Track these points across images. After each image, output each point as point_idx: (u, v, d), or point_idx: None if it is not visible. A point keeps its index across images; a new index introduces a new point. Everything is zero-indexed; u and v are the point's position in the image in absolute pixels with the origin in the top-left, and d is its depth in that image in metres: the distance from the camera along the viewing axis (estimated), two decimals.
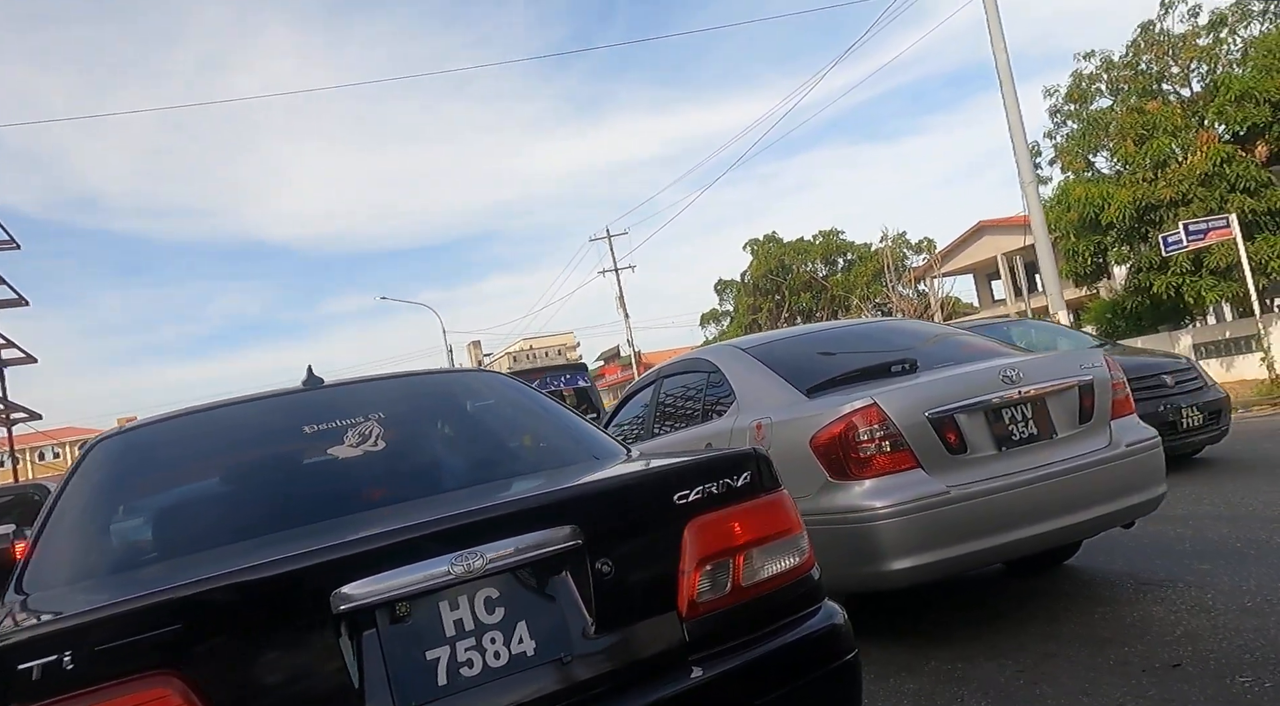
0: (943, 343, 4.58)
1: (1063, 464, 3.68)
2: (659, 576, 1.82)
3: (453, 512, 1.76)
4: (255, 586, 1.54)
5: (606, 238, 39.95)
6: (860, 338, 4.78)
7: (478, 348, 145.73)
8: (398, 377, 3.03)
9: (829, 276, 42.63)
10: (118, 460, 2.45)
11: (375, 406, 2.47)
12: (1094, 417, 3.84)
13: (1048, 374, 3.82)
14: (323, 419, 2.40)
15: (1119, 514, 3.83)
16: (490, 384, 2.96)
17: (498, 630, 1.66)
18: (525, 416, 2.77)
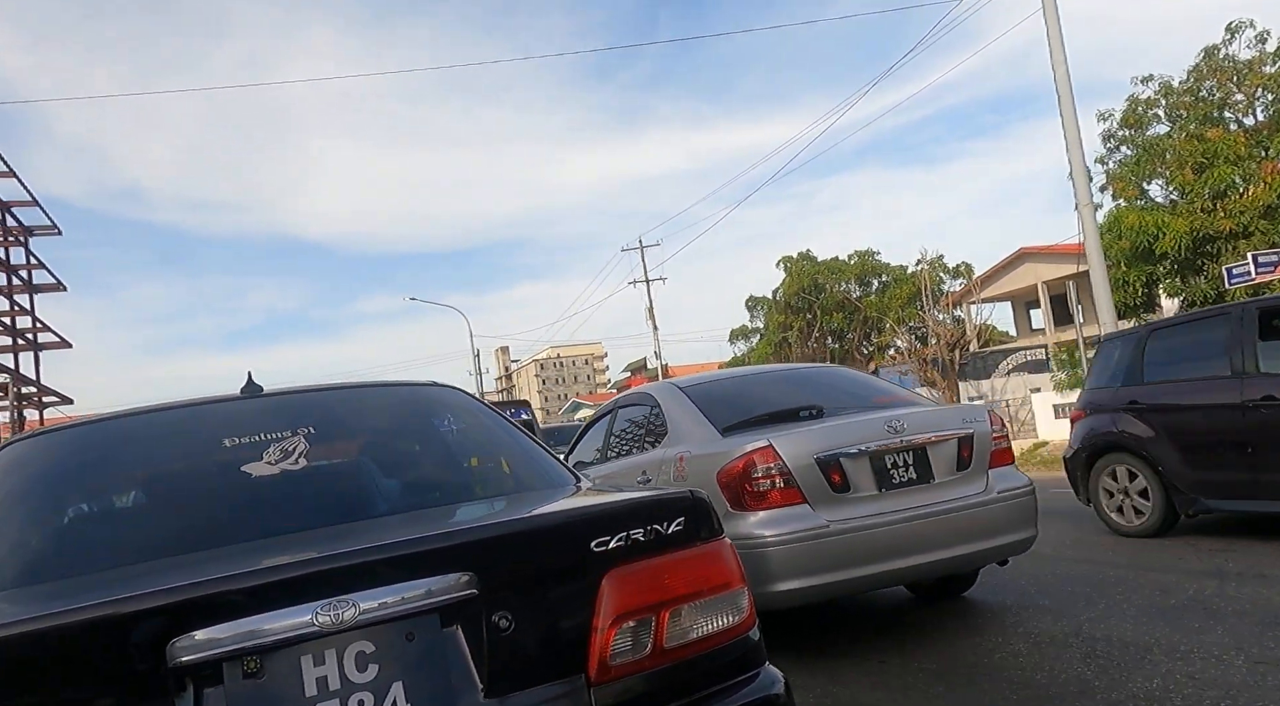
0: (859, 391, 5.05)
1: (939, 505, 4.15)
2: (567, 634, 1.59)
3: (325, 553, 1.55)
4: (75, 630, 1.32)
5: (639, 248, 39.61)
6: (789, 383, 5.36)
7: (505, 353, 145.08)
8: (343, 389, 2.72)
9: (863, 297, 41.91)
10: (20, 465, 2.25)
11: (308, 420, 2.27)
12: (972, 466, 4.32)
13: (930, 426, 4.31)
14: (248, 431, 2.20)
15: (991, 552, 4.32)
16: (444, 401, 2.63)
17: (368, 691, 1.43)
18: (475, 438, 2.52)
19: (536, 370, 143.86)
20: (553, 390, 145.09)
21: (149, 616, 1.35)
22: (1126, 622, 4.33)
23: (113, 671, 1.34)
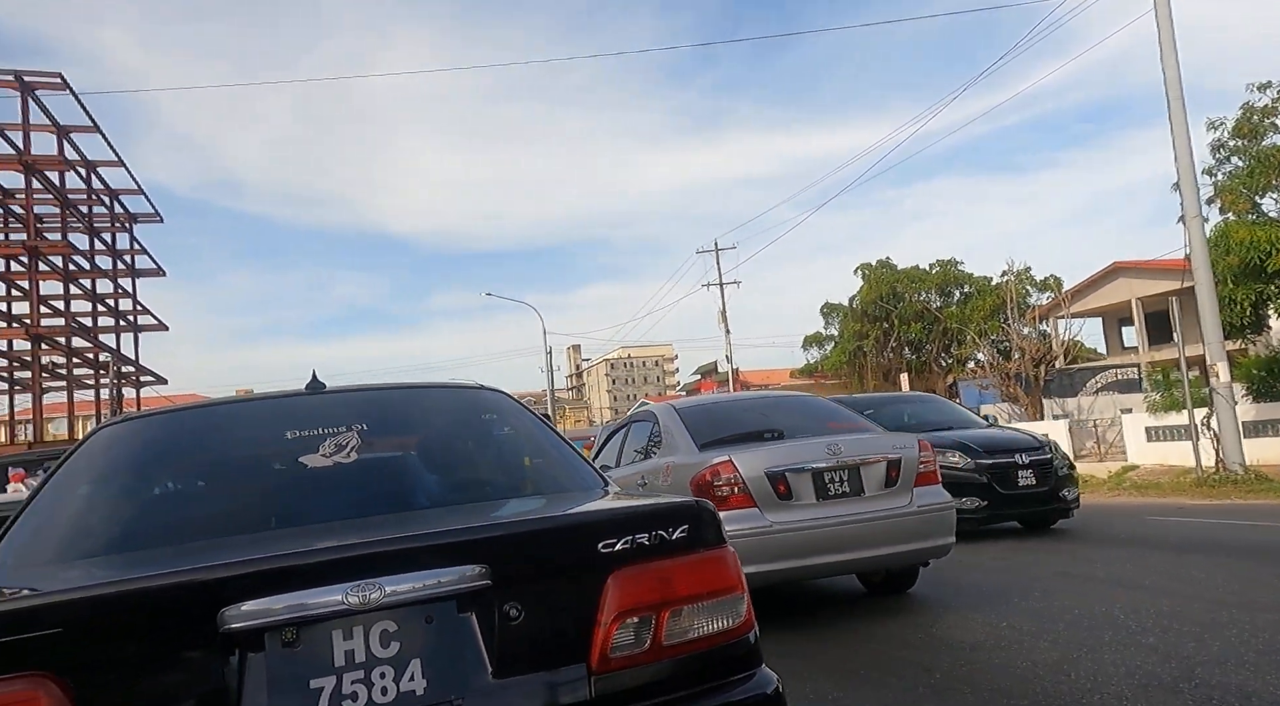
0: (818, 418, 6.10)
1: (867, 514, 5.15)
2: (572, 626, 1.73)
3: (356, 540, 1.75)
4: (141, 597, 1.53)
5: (714, 251, 39.31)
6: (764, 409, 6.52)
7: (576, 352, 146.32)
8: (396, 389, 2.95)
9: (943, 308, 40.78)
10: (107, 448, 2.46)
11: (362, 417, 2.47)
12: (899, 483, 5.31)
13: (865, 450, 5.34)
14: (308, 425, 2.39)
15: (911, 554, 5.38)
16: (489, 404, 2.83)
17: (389, 665, 1.60)
18: (515, 440, 2.69)
19: (607, 369, 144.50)
20: (622, 390, 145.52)
21: (204, 587, 1.54)
22: None
23: (173, 633, 1.52)
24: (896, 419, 9.39)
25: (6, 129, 29.54)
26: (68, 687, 1.41)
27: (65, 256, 33.28)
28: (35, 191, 30.73)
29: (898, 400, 11.89)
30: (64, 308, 35.72)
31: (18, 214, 32.04)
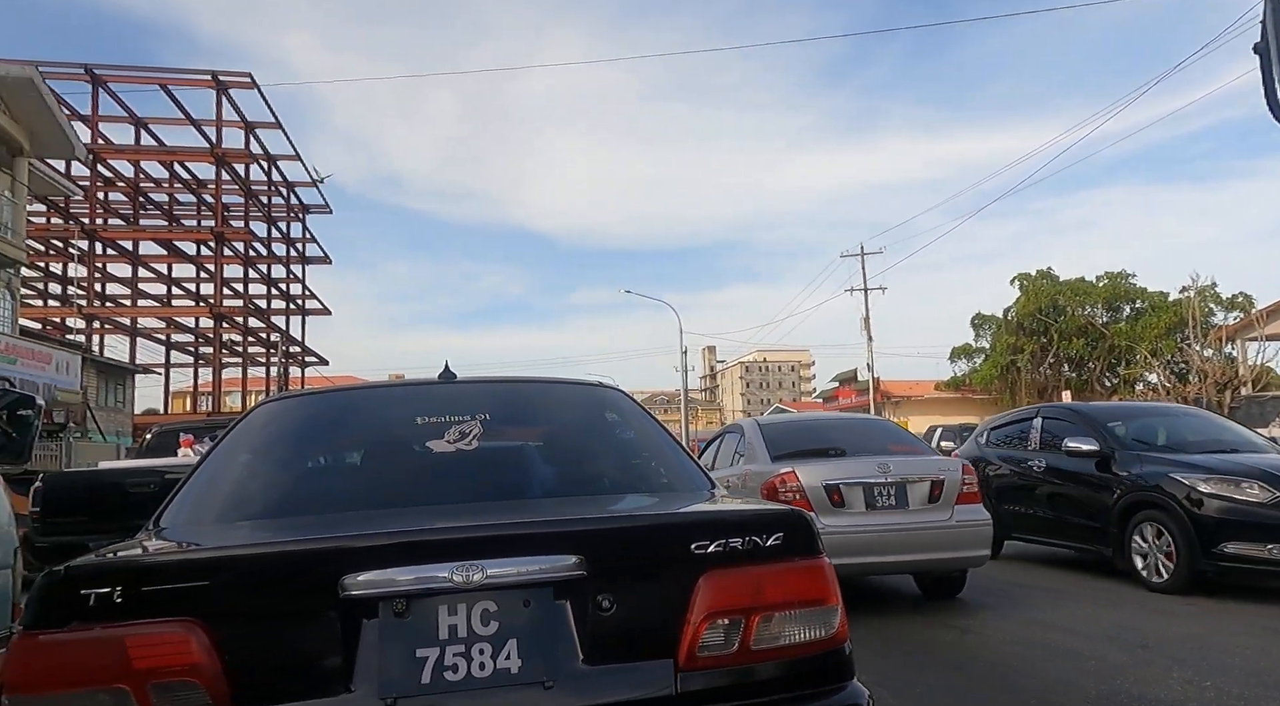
0: (880, 439, 6.93)
1: (908, 524, 5.94)
2: (661, 621, 1.75)
3: (464, 523, 1.87)
4: (276, 559, 1.71)
5: (859, 255, 38.05)
6: (833, 428, 7.61)
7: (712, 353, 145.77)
8: (521, 382, 3.12)
9: (1110, 324, 37.86)
10: (264, 423, 2.66)
11: (486, 407, 2.57)
12: (940, 500, 6.04)
13: (912, 470, 6.11)
14: (436, 412, 2.52)
15: (948, 562, 6.14)
16: (608, 401, 2.90)
17: (488, 642, 1.68)
18: (629, 438, 2.75)
19: (741, 372, 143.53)
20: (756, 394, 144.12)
21: (329, 556, 1.67)
22: None
23: (300, 594, 1.66)
24: (1148, 435, 7.65)
25: (203, 124, 32.40)
26: (212, 632, 1.57)
27: (246, 243, 36.17)
28: (224, 183, 33.60)
29: (1151, 411, 9.00)
30: (243, 290, 38.85)
31: (208, 202, 35.10)
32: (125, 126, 32.47)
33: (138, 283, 36.36)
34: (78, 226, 30.74)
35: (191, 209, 37.53)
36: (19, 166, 18.71)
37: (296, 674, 1.61)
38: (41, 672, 1.53)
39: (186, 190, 35.88)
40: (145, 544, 1.94)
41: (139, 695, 1.53)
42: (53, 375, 19.56)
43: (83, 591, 1.55)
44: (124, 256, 34.73)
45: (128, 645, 1.53)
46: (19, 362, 18.03)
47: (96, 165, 31.35)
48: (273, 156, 36.78)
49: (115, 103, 31.18)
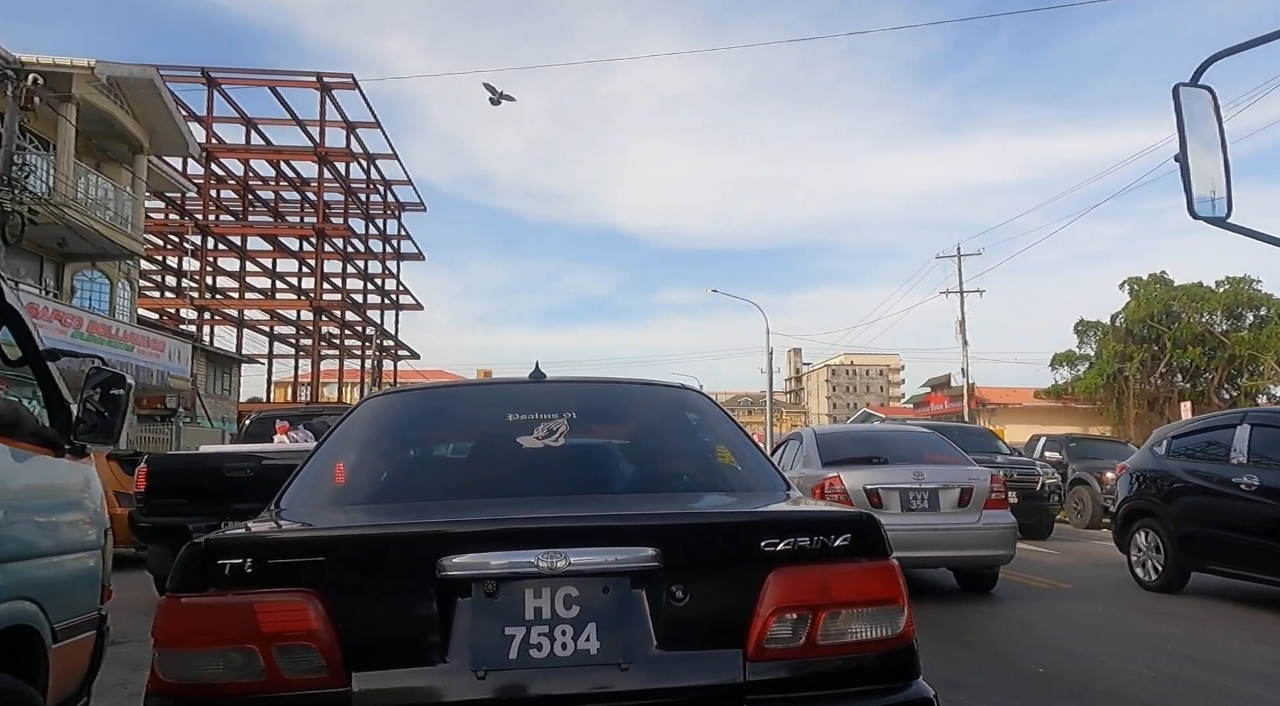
0: (923, 450, 7.78)
1: (939, 525, 6.80)
2: (731, 613, 1.85)
3: (549, 514, 2.03)
4: (383, 540, 1.90)
5: (956, 256, 36.68)
6: (879, 438, 8.48)
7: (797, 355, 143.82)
8: (607, 383, 3.31)
9: (1231, 332, 35.43)
10: (370, 417, 2.88)
11: (572, 406, 2.71)
12: (969, 505, 6.94)
13: (943, 478, 7.04)
14: (527, 410, 2.67)
15: (975, 559, 6.99)
16: (689, 403, 3.02)
17: (569, 625, 1.79)
18: (708, 439, 2.83)
19: (827, 375, 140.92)
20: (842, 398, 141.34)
21: (429, 539, 1.83)
22: None
23: (403, 572, 1.80)
24: None
25: (307, 124, 33.67)
26: (326, 603, 1.72)
27: (345, 239, 37.44)
28: (325, 181, 34.84)
29: None
30: (341, 284, 40.24)
31: (311, 200, 36.47)
32: (237, 127, 33.95)
33: (245, 276, 38.01)
34: (192, 222, 32.34)
35: (296, 206, 39.06)
36: (139, 163, 19.77)
37: (398, 643, 1.77)
38: (184, 631, 1.73)
39: (291, 188, 37.33)
40: (269, 522, 2.17)
41: (265, 655, 1.70)
42: (165, 362, 20.57)
43: (219, 561, 1.74)
44: (233, 251, 36.38)
45: (256, 610, 1.71)
46: (135, 350, 19.02)
47: (210, 164, 32.89)
48: (372, 155, 37.93)
49: (228, 104, 32.65)
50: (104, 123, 18.17)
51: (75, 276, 19.33)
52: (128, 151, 19.61)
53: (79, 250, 18.04)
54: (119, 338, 18.48)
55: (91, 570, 2.82)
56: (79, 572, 2.74)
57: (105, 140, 18.53)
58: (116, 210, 18.80)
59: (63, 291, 18.84)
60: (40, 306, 16.01)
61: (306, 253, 37.71)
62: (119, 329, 18.81)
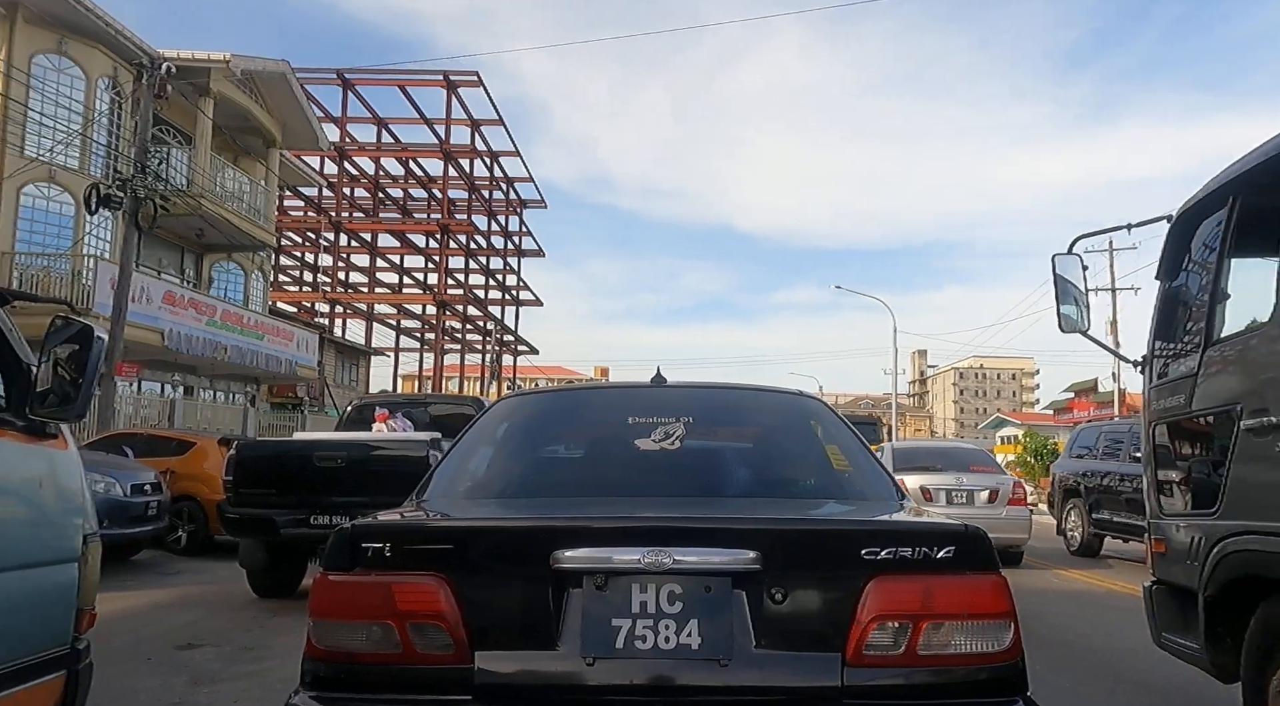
0: (966, 460, 11.53)
1: (972, 515, 8.53)
2: (830, 618, 1.88)
3: (660, 515, 2.12)
4: (505, 532, 2.07)
5: (1108, 250, 33.69)
6: (939, 452, 12.31)
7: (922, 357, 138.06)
8: (724, 389, 3.31)
9: None
10: (503, 417, 3.02)
11: (689, 411, 2.80)
12: (996, 502, 10.28)
13: (978, 482, 10.54)
14: (646, 413, 2.78)
15: (997, 541, 6.50)
16: (806, 409, 3.06)
17: (672, 619, 1.88)
18: (823, 446, 2.83)
19: (954, 378, 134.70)
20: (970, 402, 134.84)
21: (545, 533, 1.98)
22: None
23: (521, 562, 1.96)
24: None
25: (434, 123, 34.35)
26: (453, 587, 1.88)
27: (468, 235, 38.09)
28: (450, 178, 35.47)
29: None
30: (463, 279, 41.00)
31: (437, 198, 37.25)
32: (368, 127, 35.01)
33: (375, 272, 39.27)
34: (326, 219, 33.55)
35: (422, 203, 40.02)
36: (271, 157, 20.38)
37: (515, 628, 1.89)
38: (332, 603, 1.91)
39: (419, 185, 38.25)
40: (406, 512, 2.34)
41: (400, 631, 1.85)
42: (294, 352, 21.14)
43: (363, 544, 1.91)
44: (364, 247, 37.61)
45: (393, 590, 1.86)
46: (265, 338, 19.58)
47: (343, 162, 34.05)
48: (495, 152, 38.41)
49: (360, 104, 33.67)
50: (240, 117, 18.77)
51: (213, 267, 20.10)
52: (261, 145, 20.24)
53: (215, 241, 18.70)
54: (250, 326, 19.04)
55: (59, 590, 2.19)
56: (33, 594, 2.10)
57: (241, 134, 19.15)
58: (250, 202, 19.40)
59: (201, 281, 19.60)
60: (177, 294, 16.62)
61: (432, 249, 38.56)
62: (250, 318, 19.41)
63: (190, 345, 16.53)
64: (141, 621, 5.91)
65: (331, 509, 6.29)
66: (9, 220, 14.50)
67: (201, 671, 4.58)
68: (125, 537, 8.27)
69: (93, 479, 8.04)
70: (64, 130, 14.40)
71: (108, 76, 15.51)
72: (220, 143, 19.06)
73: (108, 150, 15.25)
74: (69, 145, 14.73)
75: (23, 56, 14.28)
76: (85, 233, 14.97)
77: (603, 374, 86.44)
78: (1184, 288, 3.82)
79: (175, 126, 17.83)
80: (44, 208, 14.95)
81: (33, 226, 14.83)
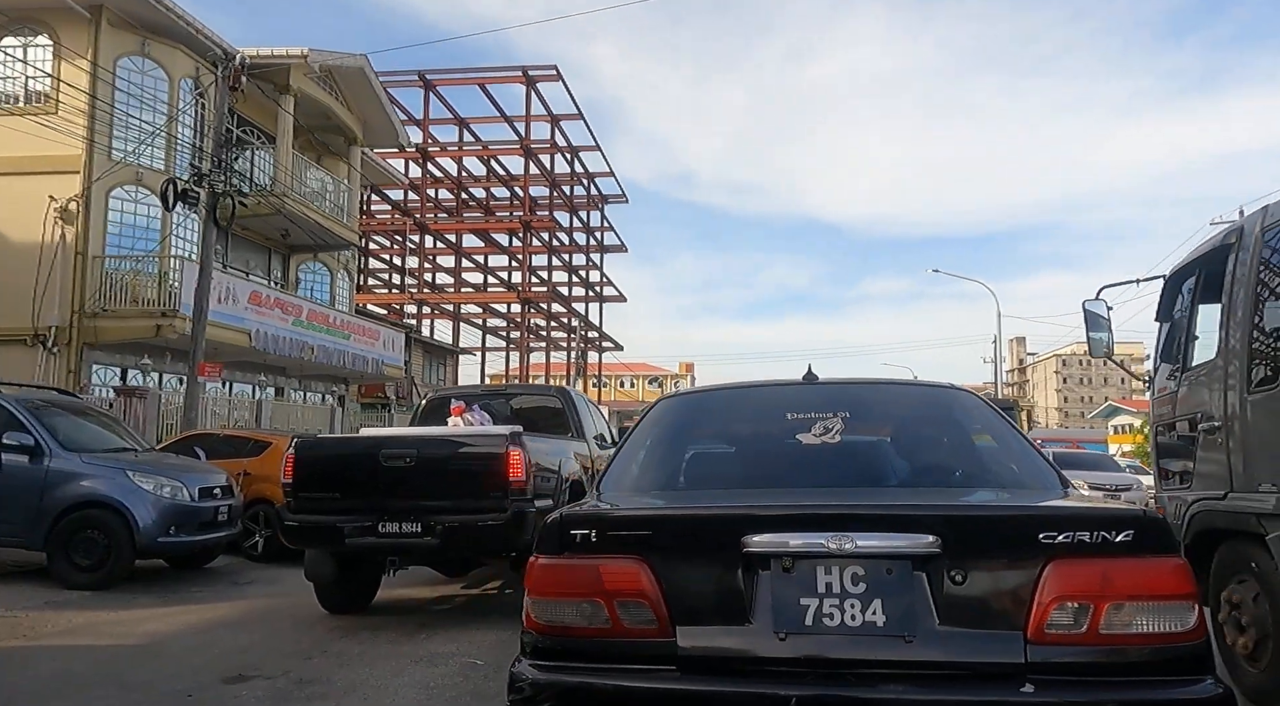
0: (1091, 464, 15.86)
1: None
2: (1011, 598, 1.98)
3: (840, 503, 2.28)
4: (696, 521, 2.28)
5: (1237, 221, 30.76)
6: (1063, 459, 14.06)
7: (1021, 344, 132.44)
8: (875, 384, 3.58)
9: None
10: (666, 414, 3.28)
11: (844, 406, 2.95)
12: None
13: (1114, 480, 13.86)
14: (803, 409, 2.95)
15: None
16: (957, 402, 3.15)
17: (857, 599, 2.03)
18: (978, 435, 2.94)
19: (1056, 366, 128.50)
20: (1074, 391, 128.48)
21: (737, 520, 2.18)
22: None
23: (715, 547, 2.14)
24: None
25: (514, 120, 34.14)
26: (653, 568, 2.10)
27: (551, 231, 37.79)
28: (531, 176, 35.20)
29: None
30: (547, 277, 40.76)
31: (519, 196, 37.07)
32: (450, 128, 35.04)
33: (460, 272, 39.38)
34: (411, 221, 33.71)
35: (505, 203, 39.91)
36: (353, 155, 20.23)
37: (711, 605, 2.10)
38: (547, 583, 2.17)
39: (501, 184, 38.14)
40: (590, 503, 2.57)
41: (609, 607, 2.10)
42: (380, 351, 20.97)
43: (571, 531, 2.18)
44: (449, 248, 37.74)
45: (601, 571, 2.13)
46: (352, 338, 19.41)
47: (426, 163, 34.15)
48: (575, 148, 37.98)
49: (442, 105, 33.69)
50: (321, 115, 18.63)
51: (299, 267, 20.06)
52: (343, 143, 20.11)
53: (300, 242, 18.62)
54: (336, 326, 18.89)
55: None
56: None
57: (323, 133, 19.02)
58: (334, 201, 19.26)
59: (288, 282, 19.58)
60: (263, 294, 16.51)
61: (515, 248, 38.41)
62: (336, 317, 19.27)
63: (277, 345, 16.42)
64: (197, 643, 5.34)
65: (401, 514, 5.60)
66: (99, 224, 14.59)
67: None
68: (195, 545, 7.82)
69: (158, 483, 7.53)
70: (149, 130, 14.38)
71: (190, 77, 15.49)
72: (303, 142, 18.98)
73: (192, 149, 15.19)
74: (153, 146, 14.72)
75: (108, 59, 14.34)
76: (170, 233, 14.95)
77: (688, 369, 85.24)
78: (1173, 328, 5.09)
79: (258, 126, 17.77)
80: (132, 211, 15.00)
81: (121, 230, 14.89)
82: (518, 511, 5.42)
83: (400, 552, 5.92)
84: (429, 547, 5.61)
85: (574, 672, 2.07)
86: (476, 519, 5.50)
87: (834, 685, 1.95)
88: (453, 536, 5.54)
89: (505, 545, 5.74)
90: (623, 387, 76.22)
